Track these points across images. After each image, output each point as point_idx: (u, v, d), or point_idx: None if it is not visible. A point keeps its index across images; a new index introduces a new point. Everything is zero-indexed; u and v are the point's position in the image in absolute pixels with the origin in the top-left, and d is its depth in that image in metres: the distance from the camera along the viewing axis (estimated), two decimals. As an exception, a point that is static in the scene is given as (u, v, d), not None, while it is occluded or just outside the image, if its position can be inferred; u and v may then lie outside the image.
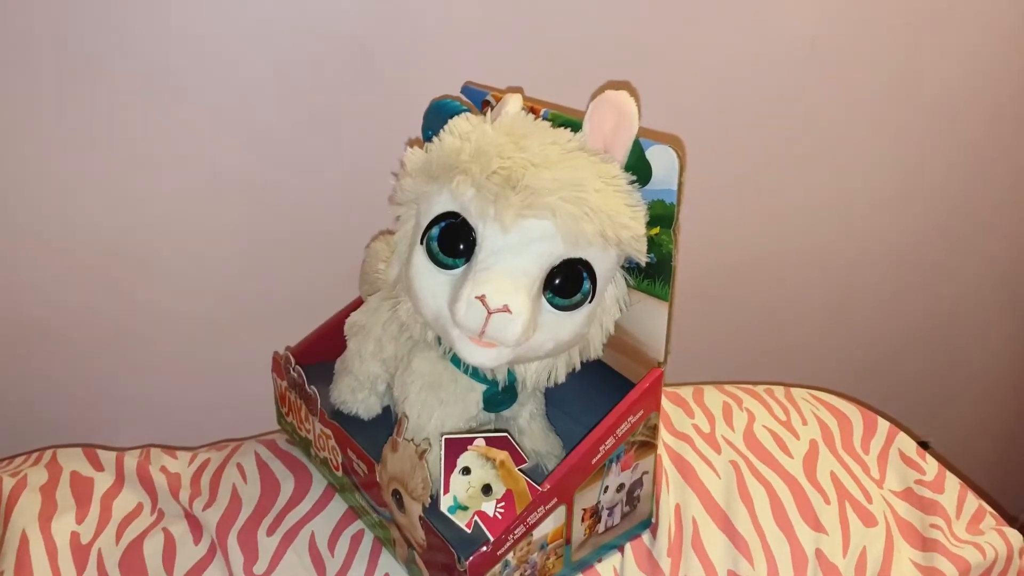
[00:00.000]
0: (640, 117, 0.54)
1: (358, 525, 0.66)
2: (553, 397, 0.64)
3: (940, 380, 1.18)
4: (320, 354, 0.74)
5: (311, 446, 0.71)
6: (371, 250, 0.68)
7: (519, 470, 0.54)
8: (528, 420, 0.63)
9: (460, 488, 0.53)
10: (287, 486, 0.70)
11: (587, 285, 0.53)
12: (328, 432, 0.65)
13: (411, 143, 0.63)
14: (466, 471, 0.53)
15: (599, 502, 0.60)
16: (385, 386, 0.66)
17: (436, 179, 0.53)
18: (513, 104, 0.57)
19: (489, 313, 0.49)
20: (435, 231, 0.53)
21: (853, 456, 0.74)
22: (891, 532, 0.66)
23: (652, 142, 0.54)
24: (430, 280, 0.53)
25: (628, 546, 0.65)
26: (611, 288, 0.56)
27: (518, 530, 0.53)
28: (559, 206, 0.50)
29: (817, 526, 0.66)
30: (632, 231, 0.53)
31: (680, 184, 0.53)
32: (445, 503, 0.53)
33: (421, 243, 0.54)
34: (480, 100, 0.66)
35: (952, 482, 0.71)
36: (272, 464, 0.73)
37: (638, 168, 0.55)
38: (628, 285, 0.57)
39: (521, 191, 0.50)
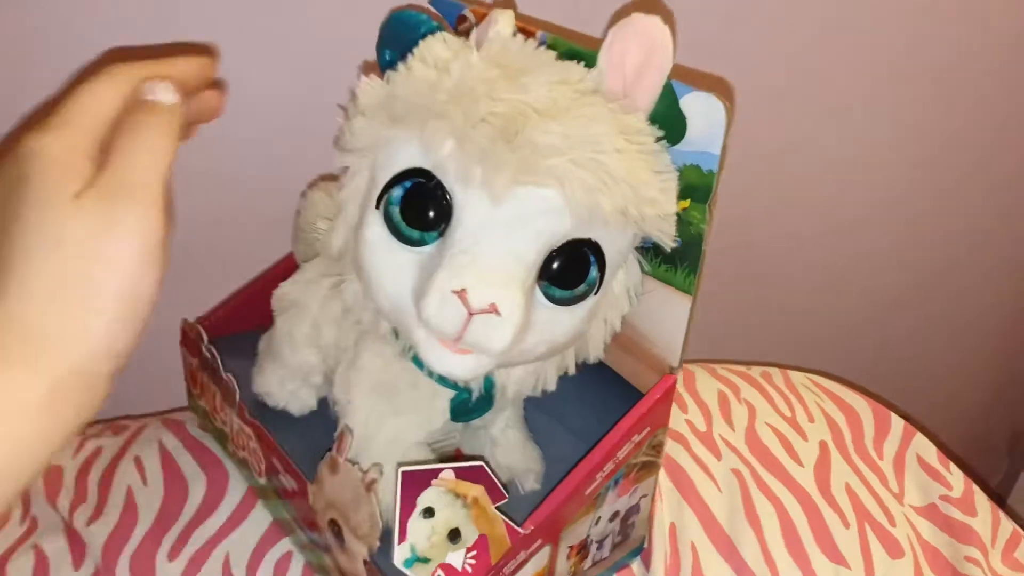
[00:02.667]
0: (675, 51, 0.41)
1: (285, 546, 0.54)
2: (539, 398, 0.51)
3: (916, 351, 1.10)
4: (242, 322, 0.60)
5: (228, 440, 0.57)
6: (308, 200, 0.53)
7: (497, 508, 0.42)
8: (503, 430, 0.51)
9: (420, 535, 0.40)
10: (197, 489, 0.57)
11: (594, 273, 0.40)
12: (249, 432, 0.52)
13: (365, 69, 0.48)
14: (429, 513, 0.41)
15: (588, 535, 0.48)
16: (322, 378, 0.53)
17: (400, 123, 0.39)
18: (504, 23, 0.43)
19: (470, 314, 0.36)
20: (397, 193, 0.39)
21: (867, 462, 0.64)
22: (919, 565, 0.56)
23: (690, 88, 0.41)
24: (388, 258, 0.40)
25: (615, 578, 0.54)
26: (621, 275, 0.44)
27: (492, 585, 0.42)
28: (570, 172, 0.36)
29: (836, 556, 0.56)
30: (660, 208, 0.39)
31: (724, 147, 0.41)
32: (400, 555, 0.40)
33: (377, 207, 0.40)
34: (455, 14, 0.51)
35: (983, 500, 0.61)
36: (179, 458, 0.59)
37: (668, 120, 0.41)
38: (643, 271, 0.45)
39: (520, 148, 0.36)
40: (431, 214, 0.38)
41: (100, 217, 0.30)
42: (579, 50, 0.43)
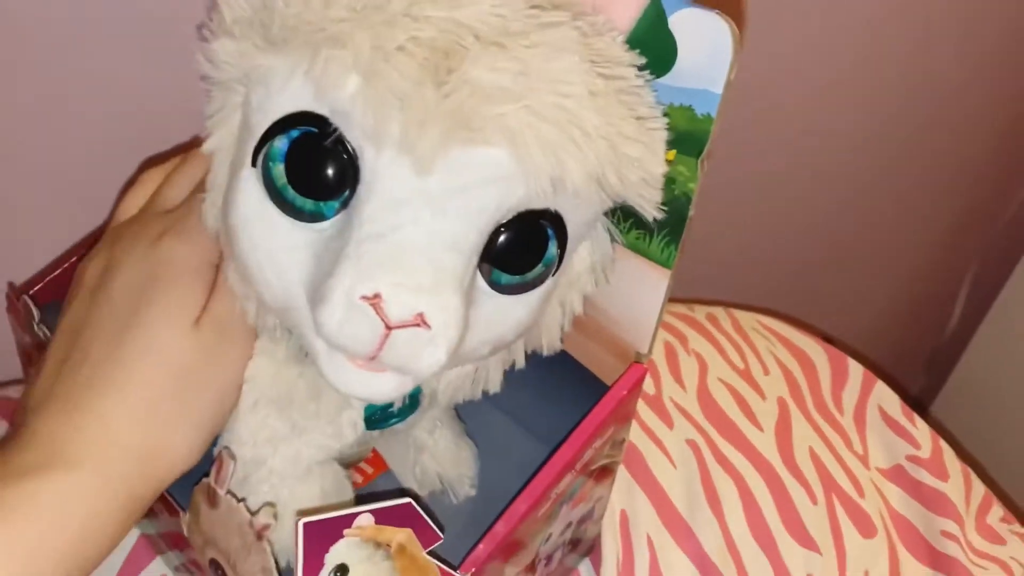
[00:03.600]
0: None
1: (157, 568, 0.43)
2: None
3: (844, 277, 1.06)
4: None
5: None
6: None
7: (431, 553, 0.32)
8: (430, 431, 0.41)
9: (331, 601, 0.31)
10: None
11: (553, 250, 0.30)
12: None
13: None
14: (341, 570, 0.31)
15: (537, 554, 0.40)
16: None
17: (281, 48, 0.27)
18: None
19: (388, 329, 0.26)
20: (280, 146, 0.27)
21: (829, 419, 0.58)
22: (893, 543, 0.51)
23: (684, 2, 0.30)
24: (269, 237, 0.28)
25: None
26: (585, 247, 0.34)
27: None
28: (526, 125, 0.25)
29: (805, 539, 0.49)
30: (645, 169, 0.29)
31: (730, 82, 0.30)
32: (304, 628, 0.31)
33: (254, 165, 0.28)
34: None
35: (953, 460, 0.56)
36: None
37: (652, 45, 0.31)
38: (612, 241, 0.35)
39: (455, 91, 0.25)
40: (329, 177, 0.27)
41: (213, 348, 0.32)
42: None
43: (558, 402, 0.39)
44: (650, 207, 0.31)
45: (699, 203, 0.33)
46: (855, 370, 0.63)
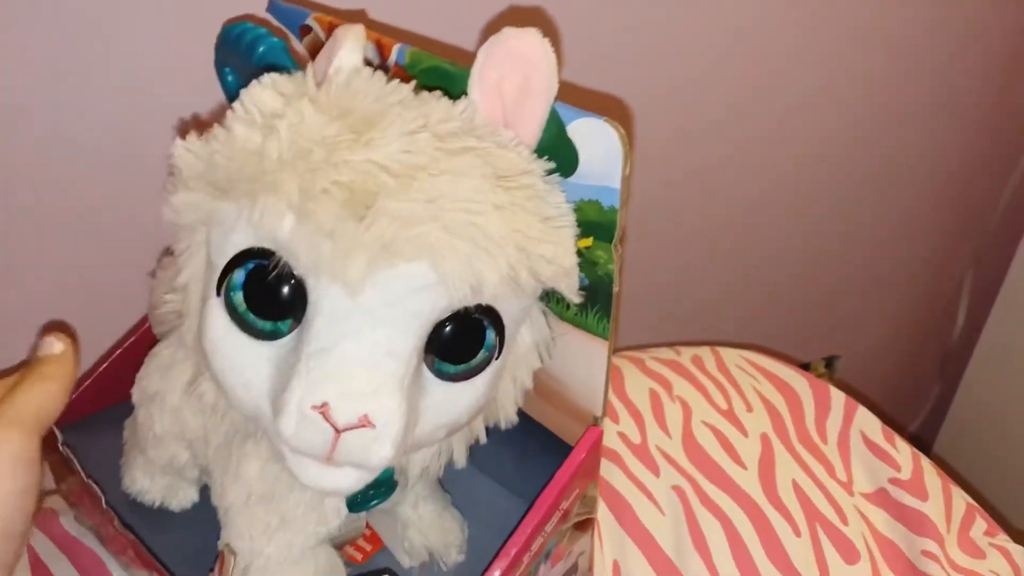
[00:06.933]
0: (561, 67, 0.34)
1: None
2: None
3: (847, 295, 1.08)
4: (103, 399, 0.52)
5: (105, 541, 0.50)
6: (157, 281, 0.45)
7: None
8: (414, 506, 0.45)
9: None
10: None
11: (491, 337, 0.33)
12: (125, 539, 0.45)
13: (180, 128, 0.39)
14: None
15: (525, 611, 0.43)
16: (199, 471, 0.46)
17: (227, 195, 0.32)
18: (349, 48, 0.35)
19: (337, 432, 0.30)
20: (238, 277, 0.32)
21: (812, 450, 0.61)
22: (877, 567, 0.53)
23: (578, 112, 0.34)
24: (236, 355, 0.32)
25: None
26: (525, 329, 0.38)
27: None
28: (440, 241, 0.30)
29: (791, 573, 0.52)
30: (558, 263, 0.33)
31: (626, 179, 0.34)
32: None
33: (219, 295, 0.32)
34: (297, 24, 0.44)
35: (933, 479, 0.58)
36: (53, 565, 0.51)
37: (556, 151, 0.35)
38: (549, 319, 0.39)
39: (374, 223, 0.29)
40: (282, 300, 0.31)
41: None
42: (445, 67, 0.36)
43: (538, 462, 0.43)
44: (570, 293, 0.34)
45: (706, 240, 0.36)
46: (837, 398, 0.65)
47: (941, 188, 1.03)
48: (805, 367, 0.93)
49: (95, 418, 0.51)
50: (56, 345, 0.37)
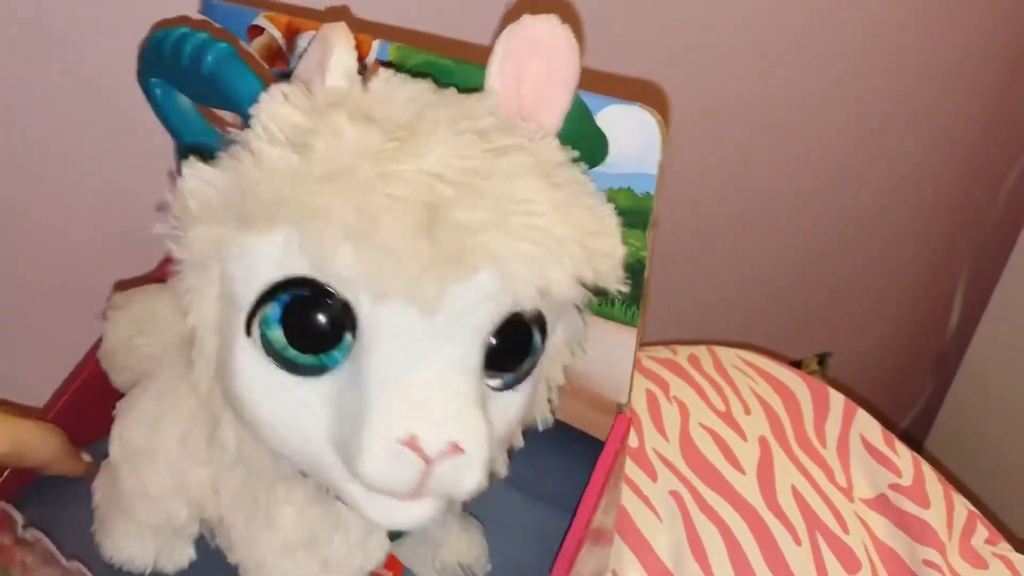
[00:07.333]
0: (583, 54, 0.32)
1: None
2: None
3: (842, 294, 1.08)
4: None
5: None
6: (112, 324, 0.42)
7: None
8: (441, 525, 0.43)
9: None
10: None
11: (537, 341, 0.31)
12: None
13: (174, 175, 0.34)
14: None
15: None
16: (198, 526, 0.42)
17: (257, 225, 0.28)
18: (344, 49, 0.31)
19: (429, 462, 0.27)
20: (273, 312, 0.28)
21: (811, 454, 0.60)
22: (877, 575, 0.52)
23: (607, 99, 0.32)
24: (279, 398, 0.29)
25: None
26: (559, 327, 0.35)
27: None
28: (506, 248, 0.27)
29: (791, 581, 0.51)
30: (612, 256, 0.31)
31: (661, 165, 0.33)
32: None
33: (248, 334, 0.29)
34: (241, 25, 0.39)
35: (935, 485, 0.58)
36: None
37: (582, 142, 0.33)
38: (583, 314, 0.37)
39: (444, 239, 0.26)
40: (328, 330, 0.28)
41: None
42: (439, 60, 0.34)
43: (551, 464, 0.42)
44: (619, 284, 0.32)
45: (700, 238, 0.35)
46: (836, 400, 0.64)
47: (938, 188, 1.03)
48: (797, 364, 0.93)
49: (34, 487, 0.45)
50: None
